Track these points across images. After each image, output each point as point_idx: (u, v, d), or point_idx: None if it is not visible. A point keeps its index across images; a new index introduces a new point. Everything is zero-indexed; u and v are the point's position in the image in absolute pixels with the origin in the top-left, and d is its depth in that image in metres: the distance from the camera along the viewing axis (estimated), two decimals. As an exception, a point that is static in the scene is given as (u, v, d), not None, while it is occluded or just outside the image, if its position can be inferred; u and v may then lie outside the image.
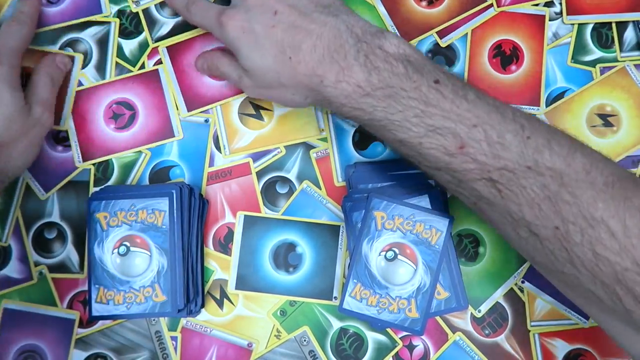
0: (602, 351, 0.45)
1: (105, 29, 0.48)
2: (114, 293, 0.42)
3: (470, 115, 0.34)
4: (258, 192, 0.47)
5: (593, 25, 0.48)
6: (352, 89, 0.35)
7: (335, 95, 0.36)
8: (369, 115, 0.36)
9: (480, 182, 0.34)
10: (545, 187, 0.32)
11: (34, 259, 0.47)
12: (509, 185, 0.33)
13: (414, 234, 0.42)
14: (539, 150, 0.33)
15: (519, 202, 0.33)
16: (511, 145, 0.33)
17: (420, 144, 0.35)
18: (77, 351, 0.46)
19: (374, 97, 0.35)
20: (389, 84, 0.35)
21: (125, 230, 0.42)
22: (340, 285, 0.46)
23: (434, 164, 0.36)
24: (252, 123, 0.47)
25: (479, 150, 0.33)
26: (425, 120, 0.34)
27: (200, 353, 0.46)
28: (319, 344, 0.46)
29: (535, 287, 0.46)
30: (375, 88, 0.35)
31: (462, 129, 0.34)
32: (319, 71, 0.36)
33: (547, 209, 0.32)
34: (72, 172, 0.47)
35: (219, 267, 0.46)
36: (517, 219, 0.34)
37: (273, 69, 0.37)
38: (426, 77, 0.35)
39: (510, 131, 0.33)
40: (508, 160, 0.33)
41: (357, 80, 0.35)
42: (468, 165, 0.34)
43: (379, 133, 0.37)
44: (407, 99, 0.35)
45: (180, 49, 0.48)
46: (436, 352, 0.45)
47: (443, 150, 0.34)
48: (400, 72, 0.35)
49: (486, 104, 0.35)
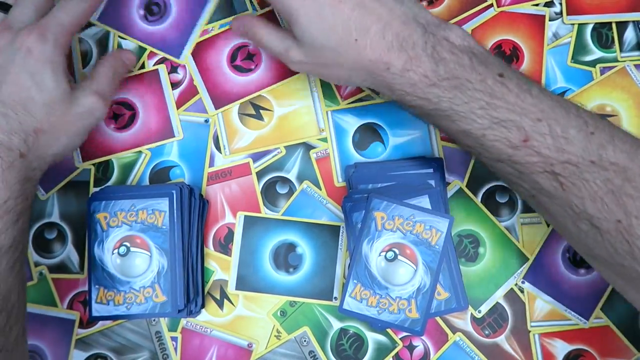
0: (602, 351, 0.45)
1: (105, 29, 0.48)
2: (114, 293, 0.42)
3: (535, 110, 0.34)
4: (258, 192, 0.47)
5: (593, 25, 0.48)
6: (418, 79, 0.35)
7: (400, 83, 0.36)
8: (434, 106, 0.36)
9: (542, 175, 0.35)
10: (609, 181, 0.33)
11: (34, 259, 0.47)
12: (572, 178, 0.34)
13: (414, 234, 0.42)
14: (603, 145, 0.33)
15: (581, 196, 0.34)
16: (575, 140, 0.34)
17: (483, 135, 0.35)
18: (77, 351, 0.46)
19: (440, 88, 0.35)
20: (455, 75, 0.35)
21: (126, 230, 0.42)
22: (340, 285, 0.46)
23: (495, 156, 0.36)
24: (252, 123, 0.47)
25: (543, 144, 0.34)
26: (490, 113, 0.35)
27: (200, 353, 0.46)
28: (319, 345, 0.46)
29: (535, 288, 0.46)
30: (441, 79, 0.35)
31: (527, 122, 0.34)
32: (386, 58, 0.36)
33: (610, 202, 0.33)
34: (72, 172, 0.47)
35: (219, 268, 0.46)
36: (579, 212, 0.34)
37: (334, 48, 0.36)
38: (491, 70, 0.35)
39: (574, 126, 0.34)
40: (572, 154, 0.33)
41: (425, 71, 0.35)
42: (531, 158, 0.34)
43: (441, 123, 0.37)
44: (473, 91, 0.35)
45: (203, 47, 0.48)
46: (436, 352, 0.45)
47: (507, 143, 0.35)
48: (466, 63, 0.35)
49: (550, 99, 0.35)
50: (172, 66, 0.48)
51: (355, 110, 0.47)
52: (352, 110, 0.47)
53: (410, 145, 0.47)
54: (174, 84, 0.48)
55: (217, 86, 0.47)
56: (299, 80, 0.47)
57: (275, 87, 0.47)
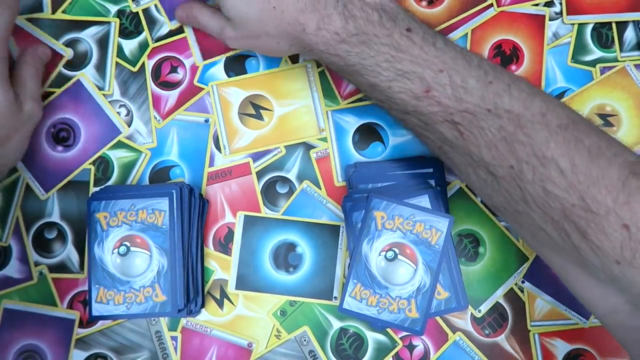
0: (602, 351, 0.45)
1: (105, 29, 0.48)
2: (114, 293, 0.42)
3: (437, 61, 0.36)
4: (258, 192, 0.47)
5: (593, 25, 0.48)
6: (330, 36, 0.37)
7: (315, 42, 0.38)
8: (344, 61, 0.38)
9: (444, 125, 0.36)
10: (503, 128, 0.34)
11: (34, 259, 0.47)
12: (470, 127, 0.35)
13: (414, 234, 0.42)
14: (499, 94, 0.35)
15: (478, 144, 0.35)
16: (473, 90, 0.35)
17: (389, 87, 0.37)
18: (77, 351, 0.46)
19: (349, 44, 0.37)
20: (363, 30, 0.37)
21: (126, 230, 0.42)
22: (340, 285, 0.46)
23: (402, 108, 0.37)
24: (252, 123, 0.47)
25: (443, 94, 0.35)
26: (394, 65, 0.36)
27: (200, 353, 0.46)
28: (319, 344, 0.46)
29: (535, 287, 0.46)
30: (350, 35, 0.37)
31: (429, 74, 0.36)
32: (302, 19, 0.37)
33: (504, 149, 0.34)
34: (72, 172, 0.47)
35: (219, 267, 0.46)
36: (477, 159, 0.36)
37: (258, 18, 0.39)
38: (399, 25, 0.37)
39: (474, 76, 0.35)
40: (469, 103, 0.35)
41: (335, 28, 0.37)
42: (433, 108, 0.36)
43: (352, 78, 0.39)
44: (379, 45, 0.36)
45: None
46: (436, 352, 0.45)
47: (410, 94, 0.36)
48: (374, 19, 0.37)
49: (453, 50, 0.36)
50: (172, 66, 0.48)
51: (355, 110, 0.47)
52: (352, 110, 0.47)
53: (410, 145, 0.47)
54: (174, 83, 0.48)
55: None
56: (299, 80, 0.47)
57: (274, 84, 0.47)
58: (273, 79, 0.48)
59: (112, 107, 0.48)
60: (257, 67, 0.48)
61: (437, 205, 0.43)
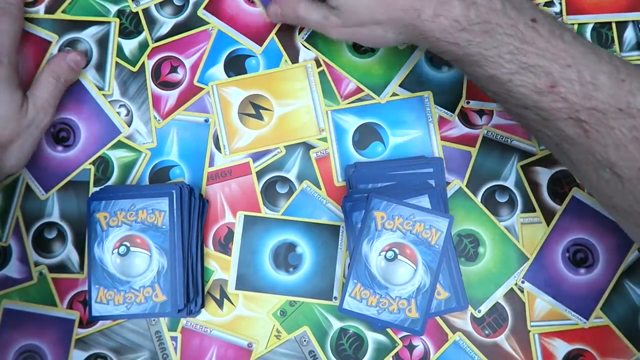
0: (602, 351, 0.45)
1: (105, 28, 0.48)
2: (114, 293, 0.42)
3: (566, 55, 0.34)
4: (258, 192, 0.47)
5: (593, 25, 0.48)
6: (449, 23, 0.36)
7: (431, 29, 0.36)
8: (462, 50, 0.36)
9: (567, 122, 0.34)
10: (635, 128, 0.33)
11: (34, 259, 0.47)
12: (597, 125, 0.33)
13: (414, 234, 0.42)
14: (632, 92, 0.33)
15: (605, 143, 0.34)
16: (604, 87, 0.33)
17: (510, 80, 0.35)
18: (77, 351, 0.46)
19: (470, 32, 0.35)
20: (486, 19, 0.35)
21: (125, 230, 0.42)
22: (340, 285, 0.46)
23: (521, 102, 0.36)
24: (252, 123, 0.47)
25: (570, 90, 0.34)
26: (519, 58, 0.35)
27: (200, 353, 0.46)
28: (319, 344, 0.46)
29: (535, 287, 0.46)
30: (472, 23, 0.35)
31: (556, 68, 0.34)
32: (417, 5, 0.36)
33: (635, 149, 0.33)
34: (72, 172, 0.47)
35: (219, 267, 0.46)
36: (601, 159, 0.34)
37: (367, 5, 0.38)
38: (523, 15, 0.35)
39: (605, 72, 0.34)
40: (599, 100, 0.33)
41: (455, 15, 0.35)
42: (556, 104, 0.34)
43: (469, 68, 0.38)
44: (503, 35, 0.35)
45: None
46: (436, 352, 0.45)
47: (533, 88, 0.35)
48: (497, 8, 0.35)
49: (582, 45, 0.35)
50: (172, 65, 0.48)
51: (355, 110, 0.47)
52: (352, 110, 0.47)
53: (410, 145, 0.47)
54: (174, 83, 0.48)
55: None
56: (299, 80, 0.47)
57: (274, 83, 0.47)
58: (273, 79, 0.48)
59: (112, 107, 0.48)
60: (257, 67, 0.48)
61: (437, 205, 0.43)
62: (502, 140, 0.47)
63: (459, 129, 0.47)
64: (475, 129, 0.47)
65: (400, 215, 0.42)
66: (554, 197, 0.46)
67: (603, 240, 0.46)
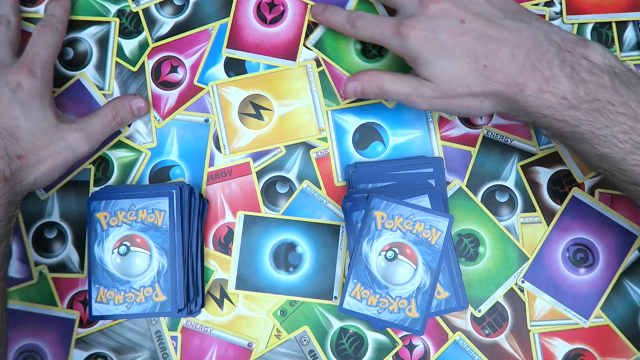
0: (602, 351, 0.45)
1: (105, 28, 0.48)
2: (114, 293, 0.42)
3: None
4: (258, 192, 0.47)
5: (593, 25, 0.48)
6: (556, 101, 0.34)
7: (535, 105, 0.35)
8: (571, 128, 0.35)
9: None
10: None
11: (34, 258, 0.47)
12: None
13: (414, 233, 0.42)
14: None
15: None
16: None
17: (623, 160, 0.34)
18: (77, 351, 0.46)
19: (580, 110, 0.34)
20: (595, 97, 0.34)
21: (126, 230, 0.42)
22: (340, 285, 0.46)
23: (632, 180, 0.35)
24: (252, 123, 0.47)
25: None
26: (633, 137, 0.34)
27: (200, 353, 0.46)
28: (319, 344, 0.46)
29: (535, 287, 0.46)
30: (581, 101, 0.34)
31: None
32: (520, 79, 0.35)
33: None
34: (72, 172, 0.47)
35: (219, 267, 0.46)
36: None
37: (463, 77, 0.37)
38: (634, 91, 0.34)
39: None
40: None
41: (563, 92, 0.34)
42: None
43: (577, 145, 0.36)
44: (615, 114, 0.34)
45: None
46: (436, 352, 0.45)
47: None
48: (607, 84, 0.34)
49: None
50: (172, 65, 0.48)
51: (355, 109, 0.47)
52: (352, 110, 0.47)
53: (410, 145, 0.47)
54: (174, 83, 0.48)
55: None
56: (299, 80, 0.47)
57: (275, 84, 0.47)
58: (273, 79, 0.48)
59: (112, 107, 0.48)
60: (257, 67, 0.48)
61: (437, 205, 0.43)
62: (502, 140, 0.47)
63: (459, 129, 0.47)
64: (475, 129, 0.47)
65: (401, 215, 0.42)
66: (554, 197, 0.46)
67: (603, 240, 0.46)
